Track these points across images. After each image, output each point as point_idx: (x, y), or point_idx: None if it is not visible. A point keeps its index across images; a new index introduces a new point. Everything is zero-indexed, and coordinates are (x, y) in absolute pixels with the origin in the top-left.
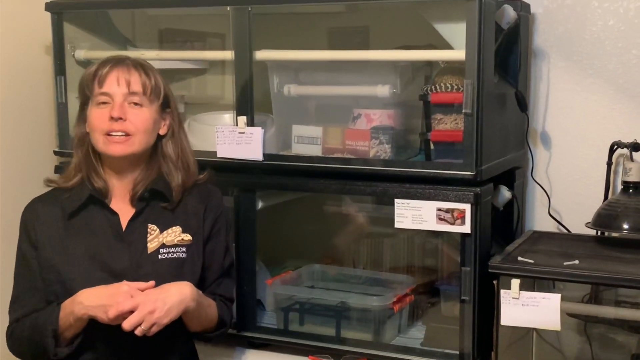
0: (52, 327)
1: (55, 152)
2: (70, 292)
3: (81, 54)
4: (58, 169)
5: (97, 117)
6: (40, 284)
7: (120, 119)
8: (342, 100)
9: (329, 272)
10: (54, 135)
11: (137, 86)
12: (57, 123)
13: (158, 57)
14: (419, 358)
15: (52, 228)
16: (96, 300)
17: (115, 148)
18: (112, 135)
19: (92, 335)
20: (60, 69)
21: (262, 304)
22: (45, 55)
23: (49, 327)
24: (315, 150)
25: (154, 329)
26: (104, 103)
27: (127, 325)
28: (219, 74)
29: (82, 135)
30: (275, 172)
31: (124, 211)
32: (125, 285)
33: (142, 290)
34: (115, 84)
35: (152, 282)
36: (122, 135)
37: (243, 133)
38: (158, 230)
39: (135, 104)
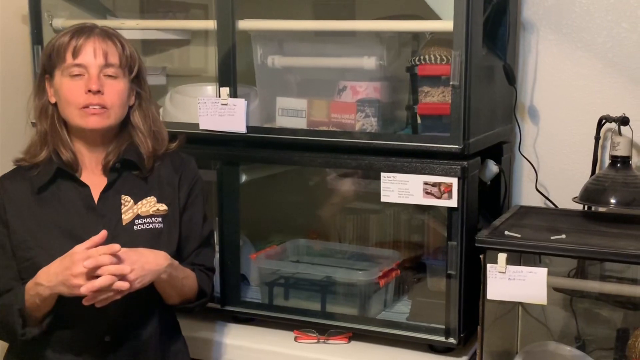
0: (18, 307)
1: (33, 124)
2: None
3: (59, 22)
4: None
5: (72, 90)
6: (13, 262)
7: (99, 91)
8: (328, 73)
9: (314, 247)
10: (31, 105)
11: (114, 58)
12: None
13: (139, 27)
14: (405, 332)
15: (22, 205)
16: (54, 279)
17: (93, 121)
18: (88, 107)
19: (67, 313)
20: (37, 38)
21: (246, 278)
22: (22, 25)
23: (15, 306)
24: (300, 123)
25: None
26: (77, 75)
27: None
28: (202, 46)
29: (45, 106)
30: (259, 145)
31: (95, 183)
32: (77, 255)
33: (95, 246)
34: (92, 55)
35: (115, 246)
36: (98, 108)
37: (226, 105)
38: (132, 201)
39: (110, 76)
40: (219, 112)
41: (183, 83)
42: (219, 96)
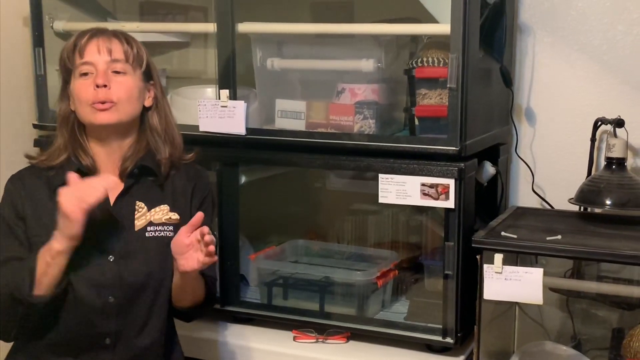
0: (29, 266)
1: (35, 125)
2: None
3: (60, 25)
4: (37, 143)
5: (82, 88)
6: (24, 252)
7: (105, 86)
8: (326, 75)
9: (312, 248)
10: (33, 108)
11: (119, 54)
12: (36, 96)
13: (139, 29)
14: (403, 332)
15: (38, 202)
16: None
17: (101, 116)
18: (97, 103)
19: (69, 312)
20: (38, 40)
21: (245, 279)
22: (23, 27)
23: (26, 265)
24: (299, 125)
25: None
26: (86, 74)
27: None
28: (202, 48)
29: (67, 113)
30: (259, 147)
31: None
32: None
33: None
34: (97, 53)
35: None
36: (107, 102)
37: (225, 107)
38: (146, 207)
39: (118, 72)
40: (218, 114)
41: (183, 85)
42: (219, 98)
